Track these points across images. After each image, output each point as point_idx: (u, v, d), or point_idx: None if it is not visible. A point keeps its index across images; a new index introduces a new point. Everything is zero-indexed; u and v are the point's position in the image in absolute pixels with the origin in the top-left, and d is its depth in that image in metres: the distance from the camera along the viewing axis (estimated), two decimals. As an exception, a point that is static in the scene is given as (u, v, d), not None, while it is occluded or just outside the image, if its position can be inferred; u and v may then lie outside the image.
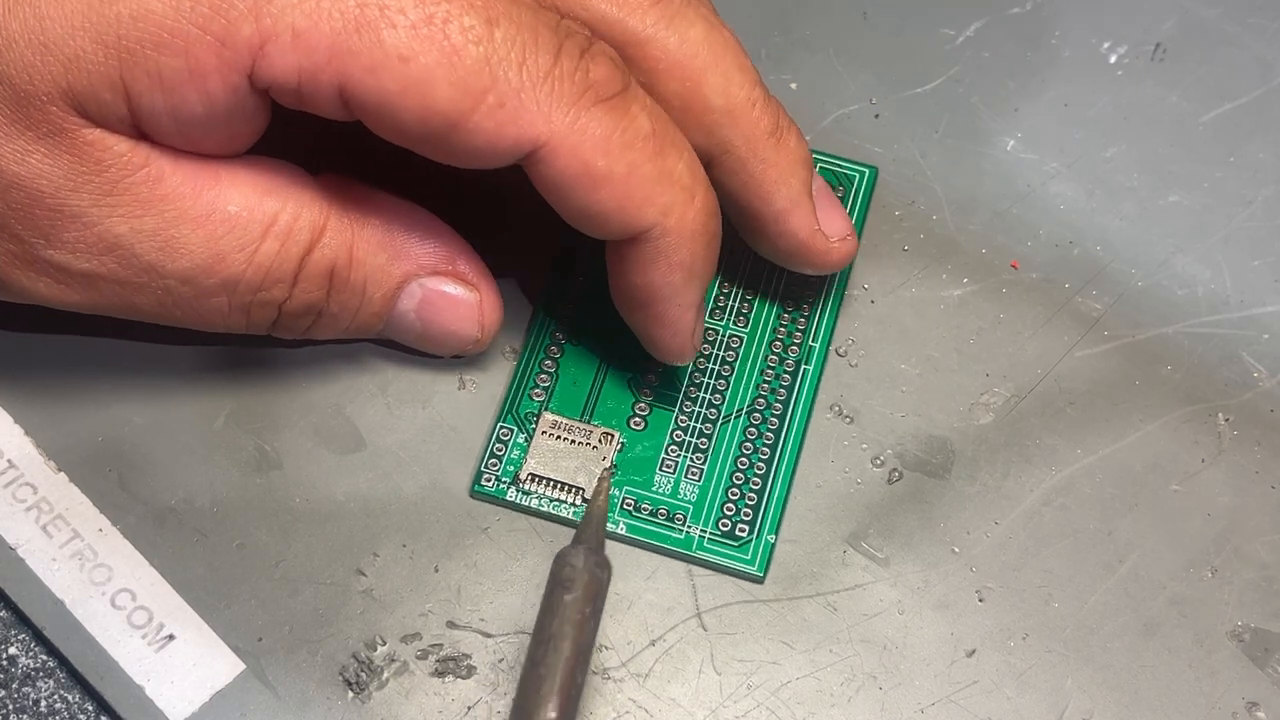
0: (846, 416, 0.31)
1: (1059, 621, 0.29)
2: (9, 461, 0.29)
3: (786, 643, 0.29)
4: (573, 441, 0.30)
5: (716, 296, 0.32)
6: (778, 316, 0.32)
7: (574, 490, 0.29)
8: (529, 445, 0.30)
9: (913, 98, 0.34)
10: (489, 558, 0.29)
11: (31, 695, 0.28)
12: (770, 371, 0.31)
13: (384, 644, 0.28)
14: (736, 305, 0.32)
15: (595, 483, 0.29)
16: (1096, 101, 0.35)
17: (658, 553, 0.29)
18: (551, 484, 0.30)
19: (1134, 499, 0.30)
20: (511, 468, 0.30)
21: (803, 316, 0.32)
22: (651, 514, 0.29)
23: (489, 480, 0.30)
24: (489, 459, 0.30)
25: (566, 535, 0.28)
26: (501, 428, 0.30)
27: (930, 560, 0.29)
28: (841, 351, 0.31)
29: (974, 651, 0.29)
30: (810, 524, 0.30)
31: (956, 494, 0.30)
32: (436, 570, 0.29)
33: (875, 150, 0.34)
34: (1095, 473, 0.30)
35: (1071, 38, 0.35)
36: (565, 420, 0.30)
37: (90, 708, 0.28)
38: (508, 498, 0.29)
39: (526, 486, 0.30)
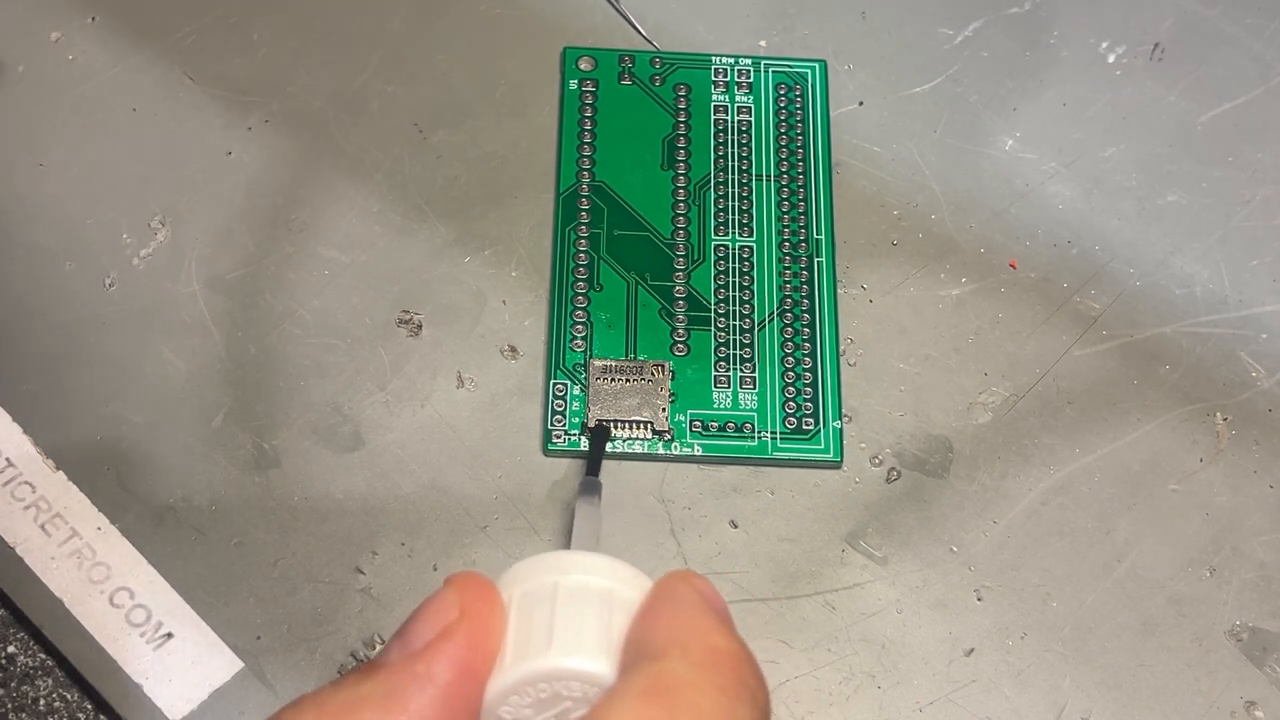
0: (845, 415, 0.31)
1: (1057, 620, 0.29)
2: (7, 460, 0.29)
3: (785, 641, 0.29)
4: (627, 380, 0.30)
5: (716, 214, 0.32)
6: (778, 219, 0.32)
7: (643, 425, 0.30)
8: (586, 394, 0.30)
9: (911, 97, 0.35)
10: (487, 556, 0.29)
11: (30, 694, 0.28)
12: (788, 271, 0.32)
13: (382, 642, 0.28)
14: (738, 219, 0.32)
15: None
16: (1095, 101, 0.35)
17: (737, 465, 0.30)
18: (619, 424, 0.30)
19: (1132, 498, 0.30)
20: (576, 419, 0.30)
21: (800, 214, 0.33)
22: (720, 430, 0.30)
23: (559, 437, 0.30)
24: (553, 417, 0.30)
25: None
26: (555, 384, 0.31)
27: (929, 559, 0.29)
28: (840, 351, 0.31)
29: (972, 650, 0.29)
30: (808, 522, 0.30)
31: (955, 493, 0.30)
32: (435, 569, 0.29)
33: (874, 150, 0.34)
34: (1093, 472, 0.30)
35: (1070, 37, 0.35)
36: (613, 362, 0.31)
37: (89, 706, 0.28)
38: (582, 448, 0.30)
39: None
